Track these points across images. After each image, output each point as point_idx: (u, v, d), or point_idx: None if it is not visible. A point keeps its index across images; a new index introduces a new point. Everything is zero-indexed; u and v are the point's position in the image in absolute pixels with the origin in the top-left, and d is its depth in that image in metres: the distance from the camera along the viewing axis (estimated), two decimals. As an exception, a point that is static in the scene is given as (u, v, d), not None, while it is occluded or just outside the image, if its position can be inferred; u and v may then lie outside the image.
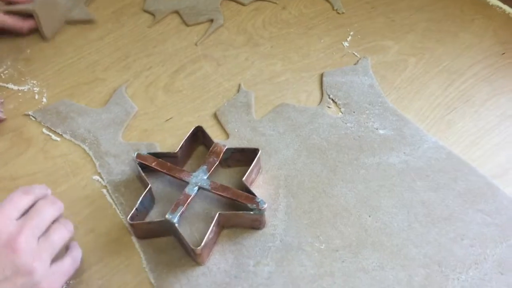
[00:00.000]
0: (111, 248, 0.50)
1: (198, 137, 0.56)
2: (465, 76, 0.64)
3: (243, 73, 0.66)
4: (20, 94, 0.64)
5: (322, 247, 0.49)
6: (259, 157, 0.53)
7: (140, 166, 0.53)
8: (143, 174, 0.52)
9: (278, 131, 0.58)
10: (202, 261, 0.48)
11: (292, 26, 0.72)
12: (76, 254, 0.46)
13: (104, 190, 0.55)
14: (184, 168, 0.54)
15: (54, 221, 0.45)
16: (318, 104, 0.62)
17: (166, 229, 0.49)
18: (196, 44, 0.70)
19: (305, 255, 0.49)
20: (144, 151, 0.54)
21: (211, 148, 0.53)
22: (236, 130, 0.59)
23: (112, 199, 0.54)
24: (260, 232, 0.51)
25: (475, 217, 0.51)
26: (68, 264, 0.45)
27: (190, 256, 0.48)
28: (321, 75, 0.65)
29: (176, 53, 0.69)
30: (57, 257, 0.44)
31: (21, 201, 0.44)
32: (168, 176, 0.53)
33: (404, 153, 0.56)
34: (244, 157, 0.54)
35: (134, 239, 0.51)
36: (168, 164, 0.53)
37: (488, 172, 0.55)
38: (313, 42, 0.69)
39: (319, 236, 0.50)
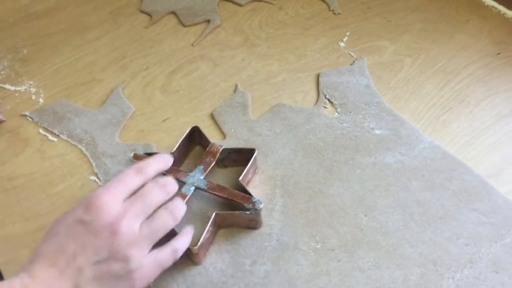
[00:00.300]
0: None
1: (195, 138, 0.56)
2: (460, 76, 0.65)
3: (239, 73, 0.66)
4: (17, 94, 0.64)
5: (318, 246, 0.50)
6: (255, 157, 0.53)
7: None
8: None
9: (274, 131, 0.59)
10: (198, 260, 0.48)
11: (289, 27, 0.72)
12: (178, 245, 0.43)
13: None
14: (181, 168, 0.54)
15: (162, 205, 0.42)
16: (315, 104, 0.62)
17: None
18: (193, 45, 0.70)
19: (301, 255, 0.49)
20: (140, 151, 0.54)
21: (207, 148, 0.54)
22: (232, 130, 0.59)
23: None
24: (256, 231, 0.51)
25: (470, 216, 0.51)
26: (167, 255, 0.42)
27: (187, 255, 0.48)
28: (318, 76, 0.65)
29: (173, 54, 0.69)
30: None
31: (132, 181, 0.42)
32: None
33: (400, 153, 0.57)
34: (240, 157, 0.54)
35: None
36: None
37: (483, 171, 0.55)
38: (309, 42, 0.70)
39: (315, 236, 0.50)
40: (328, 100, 0.62)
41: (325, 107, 0.62)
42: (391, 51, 0.68)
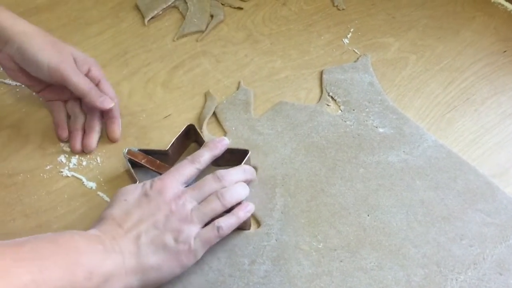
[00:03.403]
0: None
1: (190, 135, 0.56)
2: (465, 74, 0.64)
3: (242, 70, 0.66)
4: (18, 90, 0.64)
5: (320, 246, 0.49)
6: (248, 158, 0.53)
7: (130, 163, 0.53)
8: (132, 171, 0.52)
9: (276, 129, 0.58)
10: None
11: (292, 23, 0.71)
12: (222, 223, 0.47)
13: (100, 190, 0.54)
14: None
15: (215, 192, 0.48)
16: (318, 102, 0.61)
17: None
18: (196, 40, 0.69)
19: (302, 254, 0.49)
20: (135, 148, 0.54)
21: (202, 147, 0.53)
22: (233, 128, 0.59)
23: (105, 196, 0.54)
24: (253, 232, 0.50)
25: (474, 216, 0.51)
26: (210, 232, 0.46)
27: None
28: (321, 72, 0.64)
29: (175, 49, 0.68)
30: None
31: (187, 169, 0.49)
32: (158, 174, 0.53)
33: (404, 151, 0.56)
34: (234, 157, 0.53)
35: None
36: (158, 162, 0.53)
37: (488, 171, 0.54)
38: (313, 39, 0.69)
39: (317, 235, 0.50)
40: (332, 97, 0.62)
41: (328, 105, 0.61)
42: (396, 48, 0.67)
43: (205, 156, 0.50)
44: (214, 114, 0.61)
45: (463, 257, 0.48)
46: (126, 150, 0.53)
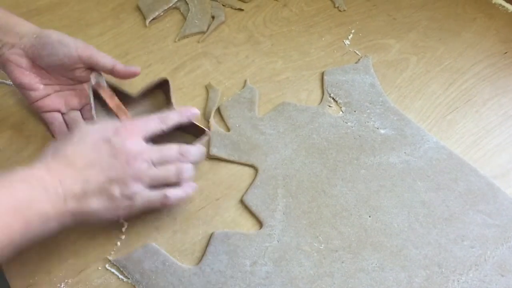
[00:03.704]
0: (110, 247, 0.50)
1: (164, 87, 0.56)
2: (466, 76, 0.64)
3: (243, 71, 0.66)
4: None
5: (322, 247, 0.49)
6: (205, 139, 0.54)
7: (93, 93, 0.53)
8: (92, 102, 0.52)
9: (278, 130, 0.58)
10: None
11: (293, 24, 0.71)
12: (170, 193, 0.48)
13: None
14: (130, 112, 0.55)
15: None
16: (319, 103, 0.61)
17: None
18: (198, 42, 0.69)
19: (304, 255, 0.49)
20: (104, 82, 0.53)
21: (172, 111, 0.53)
22: (237, 126, 0.59)
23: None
24: (255, 233, 0.50)
25: (475, 218, 0.51)
26: (157, 197, 0.47)
27: None
28: (322, 74, 0.65)
29: (176, 51, 0.68)
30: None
31: (153, 126, 0.49)
32: (113, 114, 0.53)
33: (405, 153, 0.56)
34: (193, 131, 0.54)
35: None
36: (119, 102, 0.53)
37: (489, 172, 0.54)
38: (314, 40, 0.69)
39: (318, 236, 0.50)
40: (333, 98, 0.62)
41: (329, 106, 0.61)
42: (397, 50, 0.67)
43: (174, 119, 0.50)
44: (219, 110, 0.61)
45: (464, 258, 0.48)
46: (93, 77, 0.52)
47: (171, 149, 0.49)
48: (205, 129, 0.54)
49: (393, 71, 0.65)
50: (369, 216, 0.51)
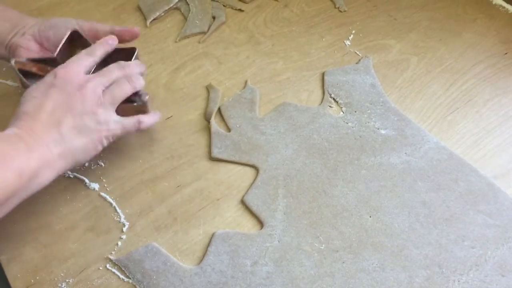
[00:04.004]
0: (111, 247, 0.50)
1: (76, 41, 0.56)
2: (467, 76, 0.64)
3: (244, 71, 0.66)
4: (20, 91, 0.64)
5: (322, 247, 0.49)
6: (136, 55, 0.56)
7: (22, 73, 0.52)
8: (25, 80, 0.52)
9: (278, 130, 0.58)
10: None
11: (294, 25, 0.71)
12: (143, 119, 0.52)
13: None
14: None
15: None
16: (320, 104, 0.61)
17: None
18: (198, 42, 0.69)
19: (304, 255, 0.49)
20: (23, 58, 0.53)
21: (94, 44, 0.54)
22: (238, 126, 0.59)
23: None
24: (255, 233, 0.50)
25: (476, 218, 0.51)
26: (132, 123, 0.51)
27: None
28: (323, 74, 0.65)
29: (177, 51, 0.68)
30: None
31: (85, 60, 0.50)
32: None
33: (406, 153, 0.56)
34: (122, 57, 0.54)
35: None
36: (48, 68, 0.53)
37: (490, 173, 0.54)
38: (314, 40, 0.69)
39: (319, 237, 0.50)
40: (333, 99, 0.62)
41: (330, 106, 0.61)
42: (397, 50, 0.67)
43: (99, 50, 0.52)
44: (219, 111, 0.61)
45: (465, 258, 0.48)
46: (13, 61, 0.52)
47: (111, 68, 0.51)
48: (133, 47, 0.56)
49: (394, 71, 0.65)
50: (370, 217, 0.51)
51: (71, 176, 0.55)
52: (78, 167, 0.49)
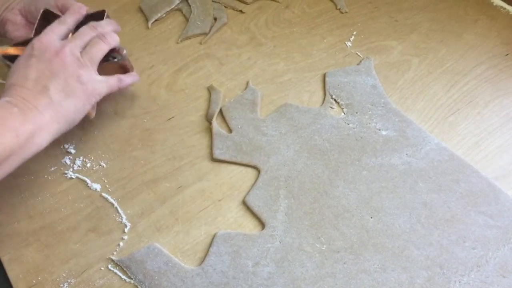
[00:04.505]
0: (113, 248, 0.50)
1: (50, 19, 0.56)
2: (468, 77, 0.64)
3: (245, 72, 0.66)
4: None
5: (323, 248, 0.49)
6: (107, 15, 0.58)
7: (7, 59, 0.54)
8: (11, 64, 0.53)
9: (280, 131, 0.58)
10: None
11: (295, 26, 0.72)
12: (123, 77, 0.56)
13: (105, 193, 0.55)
14: None
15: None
16: (321, 104, 0.62)
17: None
18: (200, 43, 0.69)
19: (306, 256, 0.49)
20: (4, 46, 0.55)
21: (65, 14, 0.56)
22: (239, 127, 0.59)
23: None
24: (257, 234, 0.50)
25: (477, 219, 0.51)
26: (114, 81, 0.55)
27: None
28: (324, 75, 0.65)
29: (178, 52, 0.69)
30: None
31: (58, 28, 0.53)
32: None
33: (407, 154, 0.56)
34: (94, 20, 0.56)
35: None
36: (18, 48, 0.55)
37: (491, 174, 0.54)
38: (316, 41, 0.69)
39: (320, 237, 0.50)
40: (335, 100, 0.62)
41: (331, 107, 0.61)
42: (398, 51, 0.67)
43: (70, 18, 0.55)
44: (221, 112, 0.61)
45: (466, 259, 0.48)
46: None
47: (83, 30, 0.54)
48: (103, 9, 0.58)
49: (395, 72, 0.65)
50: (371, 217, 0.51)
51: (73, 177, 0.56)
52: (71, 128, 0.51)
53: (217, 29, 0.71)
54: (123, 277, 0.48)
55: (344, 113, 0.60)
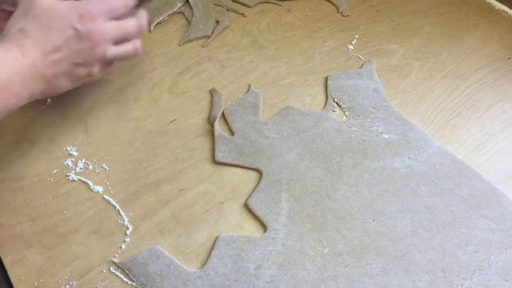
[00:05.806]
0: (115, 250, 0.50)
1: None
2: (469, 81, 0.64)
3: (247, 75, 0.66)
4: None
5: (325, 251, 0.49)
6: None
7: None
8: None
9: (282, 134, 0.58)
10: None
11: (297, 29, 0.72)
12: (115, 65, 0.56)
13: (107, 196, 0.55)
14: None
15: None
16: (323, 108, 0.62)
17: None
18: (202, 46, 0.70)
19: (308, 259, 0.49)
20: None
21: None
22: (241, 130, 0.59)
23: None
24: (259, 236, 0.50)
25: (479, 223, 0.51)
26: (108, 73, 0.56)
27: None
28: (326, 78, 0.65)
29: (180, 55, 0.69)
30: None
31: (118, 8, 0.51)
32: None
33: (409, 157, 0.56)
34: None
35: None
36: None
37: (493, 177, 0.55)
38: (317, 45, 0.69)
39: (322, 240, 0.50)
40: (337, 103, 0.62)
41: (333, 111, 0.61)
42: (400, 55, 0.68)
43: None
44: (223, 115, 0.61)
45: (468, 263, 0.48)
46: None
47: (129, 21, 0.53)
48: None
49: (397, 76, 0.65)
50: (373, 221, 0.51)
51: (75, 179, 0.56)
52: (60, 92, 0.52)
53: (219, 32, 0.71)
54: (125, 279, 0.48)
55: (346, 116, 0.60)
